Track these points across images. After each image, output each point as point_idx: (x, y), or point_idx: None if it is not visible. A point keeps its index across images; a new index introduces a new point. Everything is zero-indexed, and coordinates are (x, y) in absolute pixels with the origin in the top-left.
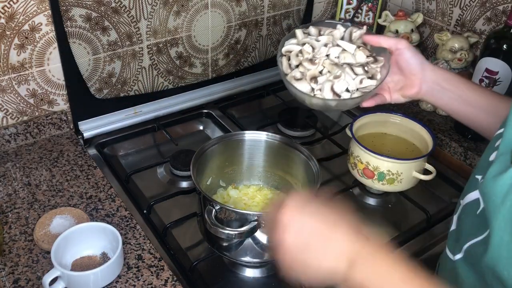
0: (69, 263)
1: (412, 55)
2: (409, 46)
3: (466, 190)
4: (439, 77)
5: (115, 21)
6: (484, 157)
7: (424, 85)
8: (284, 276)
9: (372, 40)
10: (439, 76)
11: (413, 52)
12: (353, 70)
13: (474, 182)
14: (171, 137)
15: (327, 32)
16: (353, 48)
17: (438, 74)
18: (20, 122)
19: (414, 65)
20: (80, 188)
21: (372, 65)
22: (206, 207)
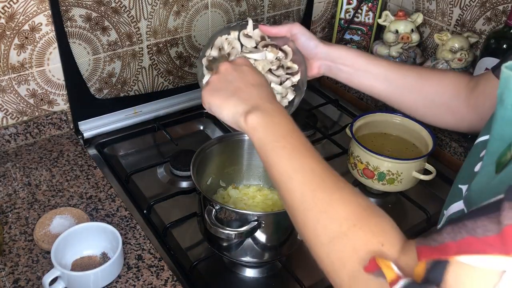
0: (69, 263)
1: (306, 39)
2: (302, 31)
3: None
4: (334, 56)
5: (115, 21)
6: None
7: (322, 65)
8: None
9: (270, 31)
10: (334, 55)
11: (307, 36)
12: (275, 74)
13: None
14: (171, 137)
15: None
16: (263, 54)
17: (333, 53)
18: (20, 122)
19: (309, 48)
20: (80, 188)
21: (285, 60)
22: (206, 207)
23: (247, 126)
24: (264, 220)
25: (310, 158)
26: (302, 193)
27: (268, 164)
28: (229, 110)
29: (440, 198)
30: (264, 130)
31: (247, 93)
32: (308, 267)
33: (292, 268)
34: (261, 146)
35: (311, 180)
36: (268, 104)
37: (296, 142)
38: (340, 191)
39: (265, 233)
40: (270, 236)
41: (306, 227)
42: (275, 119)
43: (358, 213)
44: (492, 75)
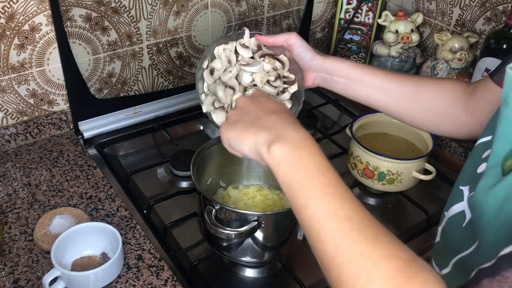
0: (69, 263)
1: (303, 50)
2: (299, 42)
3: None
4: (328, 68)
5: (115, 21)
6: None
7: (317, 77)
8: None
9: (267, 41)
10: (329, 67)
11: (304, 47)
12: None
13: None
14: (171, 137)
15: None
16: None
17: (328, 65)
18: (20, 122)
19: (305, 60)
20: (80, 188)
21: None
22: (206, 207)
23: (270, 159)
24: (264, 220)
25: (345, 203)
26: (336, 245)
27: (295, 205)
28: (250, 141)
29: (440, 198)
30: (290, 165)
31: (268, 121)
32: (308, 267)
33: (292, 268)
34: (288, 184)
35: (348, 230)
36: (293, 132)
37: (327, 181)
38: (382, 244)
39: (265, 233)
40: (270, 236)
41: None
42: (302, 151)
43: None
44: (490, 81)
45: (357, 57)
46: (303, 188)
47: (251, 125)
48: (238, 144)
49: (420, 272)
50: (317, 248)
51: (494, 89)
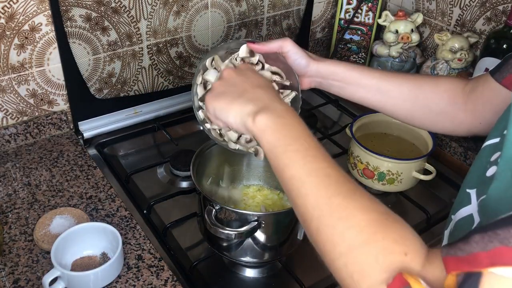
0: (69, 263)
1: (298, 57)
2: (294, 49)
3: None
4: (324, 72)
5: (115, 21)
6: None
7: (313, 82)
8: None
9: (260, 49)
10: (324, 71)
11: (299, 54)
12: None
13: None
14: (171, 137)
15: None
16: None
17: (323, 69)
18: (20, 122)
19: (300, 67)
20: (80, 188)
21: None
22: (206, 207)
23: (256, 127)
24: (264, 220)
25: (324, 163)
26: (317, 199)
27: (279, 167)
28: (236, 112)
29: (440, 198)
30: (275, 132)
31: (254, 94)
32: (308, 267)
33: (292, 268)
34: (271, 149)
35: (327, 185)
36: (277, 104)
37: (309, 145)
38: (358, 197)
39: (265, 233)
40: (270, 236)
41: (321, 235)
42: (285, 120)
43: (379, 220)
44: (490, 78)
45: (357, 57)
46: (286, 151)
47: (238, 96)
48: (223, 114)
49: (395, 223)
50: (298, 204)
51: (495, 87)
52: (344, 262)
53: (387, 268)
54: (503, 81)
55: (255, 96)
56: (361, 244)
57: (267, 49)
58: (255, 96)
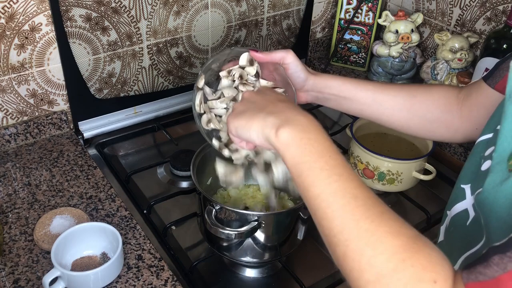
0: (69, 263)
1: (298, 71)
2: (296, 62)
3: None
4: (320, 86)
5: (115, 21)
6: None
7: (309, 96)
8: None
9: (262, 58)
10: (320, 85)
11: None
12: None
13: (460, 192)
14: (171, 137)
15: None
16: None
17: (319, 84)
18: (20, 122)
19: (298, 81)
20: (80, 188)
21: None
22: (206, 207)
23: (279, 142)
24: (264, 220)
25: (351, 182)
26: (343, 222)
27: (303, 185)
28: (257, 126)
29: (440, 198)
30: (298, 147)
31: (275, 107)
32: (308, 267)
33: (292, 268)
34: (295, 165)
35: (354, 207)
36: (300, 117)
37: (335, 162)
38: (387, 220)
39: (265, 233)
40: (270, 236)
41: (348, 260)
42: (310, 135)
43: (408, 246)
44: (484, 84)
45: (357, 57)
46: (311, 168)
47: (259, 111)
48: (246, 131)
49: (424, 247)
50: (323, 226)
51: (489, 93)
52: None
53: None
54: (496, 86)
55: (276, 109)
56: (390, 272)
57: (269, 59)
58: (276, 109)
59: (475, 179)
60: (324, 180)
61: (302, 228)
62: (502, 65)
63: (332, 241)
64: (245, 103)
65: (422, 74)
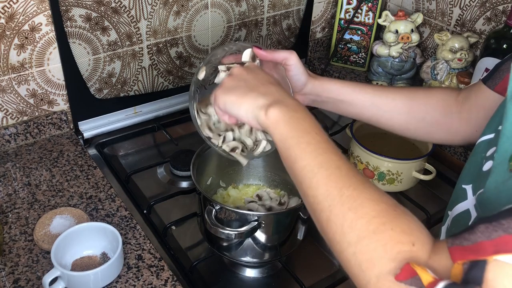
0: (69, 263)
1: (298, 73)
2: (298, 64)
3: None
4: (318, 90)
5: (115, 21)
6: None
7: (306, 99)
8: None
9: (265, 56)
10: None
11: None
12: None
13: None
14: (171, 137)
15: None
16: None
17: (318, 88)
18: (20, 122)
19: (298, 84)
20: (80, 188)
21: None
22: (206, 207)
23: (269, 120)
24: (264, 220)
25: (335, 156)
26: (328, 189)
27: (291, 158)
28: (248, 105)
29: (440, 198)
30: (287, 124)
31: (266, 89)
32: (308, 267)
33: (292, 268)
34: (283, 140)
35: (338, 177)
36: (289, 99)
37: (320, 138)
38: (368, 189)
39: (265, 233)
40: (270, 236)
41: (331, 225)
42: (298, 114)
43: (387, 212)
44: (483, 86)
45: (357, 57)
46: (299, 143)
47: (250, 91)
48: (235, 107)
49: (404, 215)
50: (308, 194)
51: (488, 95)
52: (353, 251)
53: (395, 257)
54: (496, 87)
55: (267, 91)
56: (370, 233)
57: (271, 58)
58: (267, 91)
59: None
60: (310, 153)
61: (302, 228)
62: (501, 67)
63: (316, 208)
64: (235, 79)
65: (422, 74)
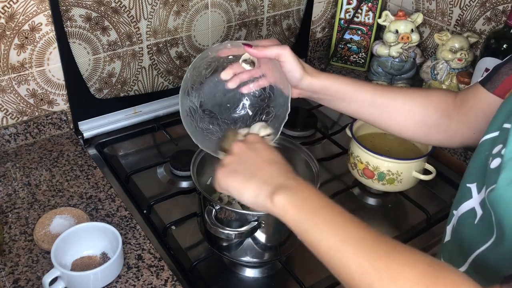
0: (69, 263)
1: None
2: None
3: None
4: (316, 88)
5: (115, 21)
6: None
7: (302, 93)
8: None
9: (256, 54)
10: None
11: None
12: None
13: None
14: (171, 137)
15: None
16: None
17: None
18: (20, 122)
19: (293, 79)
20: (80, 188)
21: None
22: (206, 207)
23: (276, 208)
24: (264, 220)
25: (355, 227)
26: (359, 265)
27: (311, 242)
28: (251, 193)
29: (440, 198)
30: (295, 208)
31: (267, 172)
32: (308, 267)
33: (292, 268)
34: (297, 225)
35: (365, 249)
36: (290, 181)
37: (334, 213)
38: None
39: (265, 233)
40: (270, 236)
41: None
42: (303, 194)
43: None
44: (482, 88)
45: (357, 57)
46: (313, 224)
47: (251, 176)
48: (238, 194)
49: (444, 271)
50: (342, 274)
51: (487, 98)
52: None
53: None
54: (496, 90)
55: (268, 175)
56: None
57: (263, 55)
58: (268, 175)
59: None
60: (329, 233)
61: None
62: (500, 69)
63: (356, 287)
64: (236, 161)
65: (422, 74)
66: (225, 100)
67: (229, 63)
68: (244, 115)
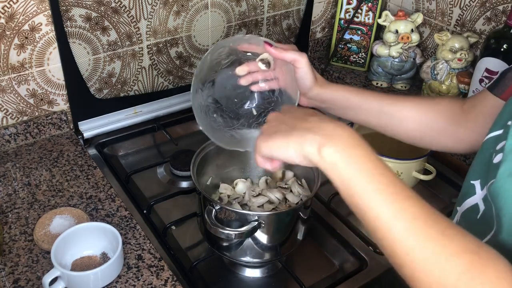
0: (69, 263)
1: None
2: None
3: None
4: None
5: (115, 21)
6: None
7: (310, 103)
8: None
9: (276, 54)
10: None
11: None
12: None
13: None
14: (171, 137)
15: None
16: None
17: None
18: (20, 122)
19: (303, 86)
20: (80, 188)
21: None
22: (206, 207)
23: (324, 161)
24: (264, 220)
25: (408, 201)
26: (407, 245)
27: (358, 207)
28: (296, 143)
29: (440, 198)
30: (347, 168)
31: (309, 122)
32: (308, 267)
33: (292, 268)
34: (346, 187)
35: (415, 229)
36: (339, 129)
37: (387, 180)
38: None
39: (265, 233)
40: (270, 236)
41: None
42: (356, 151)
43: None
44: (489, 94)
45: (357, 57)
46: (365, 190)
47: (292, 129)
48: (283, 150)
49: (491, 261)
50: (384, 246)
51: (495, 102)
52: None
53: None
54: (503, 95)
55: (311, 124)
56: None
57: (281, 57)
58: (311, 124)
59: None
60: (380, 202)
61: (302, 228)
62: (507, 74)
63: (397, 262)
64: (273, 125)
65: (422, 74)
66: (234, 95)
67: (247, 60)
68: (249, 113)
